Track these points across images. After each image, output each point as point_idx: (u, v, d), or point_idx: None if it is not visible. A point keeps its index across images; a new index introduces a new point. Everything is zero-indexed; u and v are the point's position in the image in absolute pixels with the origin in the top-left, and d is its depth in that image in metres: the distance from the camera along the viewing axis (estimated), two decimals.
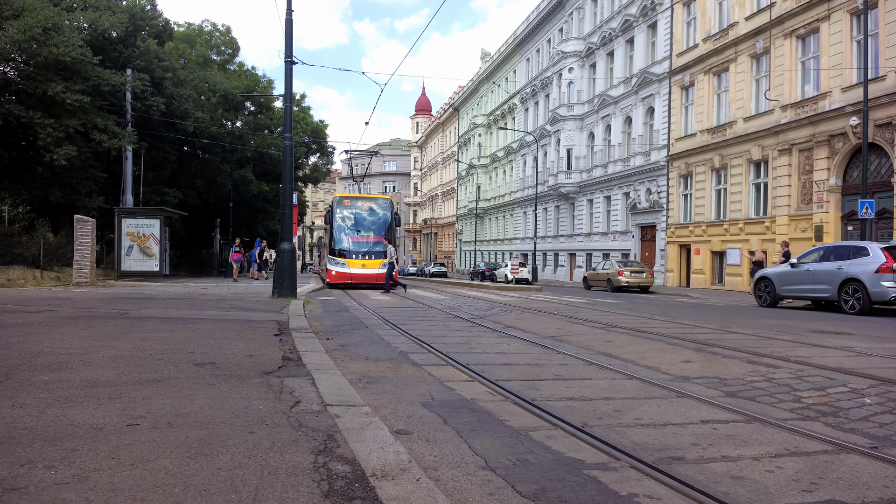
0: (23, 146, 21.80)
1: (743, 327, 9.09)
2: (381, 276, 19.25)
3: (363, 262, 20.01)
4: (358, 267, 19.92)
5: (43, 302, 9.54)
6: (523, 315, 10.62)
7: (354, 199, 21.70)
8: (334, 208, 20.95)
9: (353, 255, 20.09)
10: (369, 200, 21.75)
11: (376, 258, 20.13)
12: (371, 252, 20.23)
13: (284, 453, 2.47)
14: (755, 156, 24.12)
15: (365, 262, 19.99)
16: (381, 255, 20.05)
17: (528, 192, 45.59)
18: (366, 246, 20.34)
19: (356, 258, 20.06)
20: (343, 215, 20.76)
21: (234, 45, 39.38)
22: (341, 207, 20.95)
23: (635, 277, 24.26)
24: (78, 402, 3.21)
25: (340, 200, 21.37)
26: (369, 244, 20.45)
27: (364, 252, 20.10)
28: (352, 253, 20.15)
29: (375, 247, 20.41)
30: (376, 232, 20.77)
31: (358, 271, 19.87)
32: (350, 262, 19.94)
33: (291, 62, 12.93)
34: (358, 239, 20.42)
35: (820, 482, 2.53)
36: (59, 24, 19.24)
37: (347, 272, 19.81)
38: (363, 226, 20.77)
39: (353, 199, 21.68)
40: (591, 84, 38.31)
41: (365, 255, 20.07)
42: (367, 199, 21.89)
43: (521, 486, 2.40)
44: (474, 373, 4.75)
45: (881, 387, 4.56)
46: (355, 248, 20.28)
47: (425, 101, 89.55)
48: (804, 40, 22.32)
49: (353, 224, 20.68)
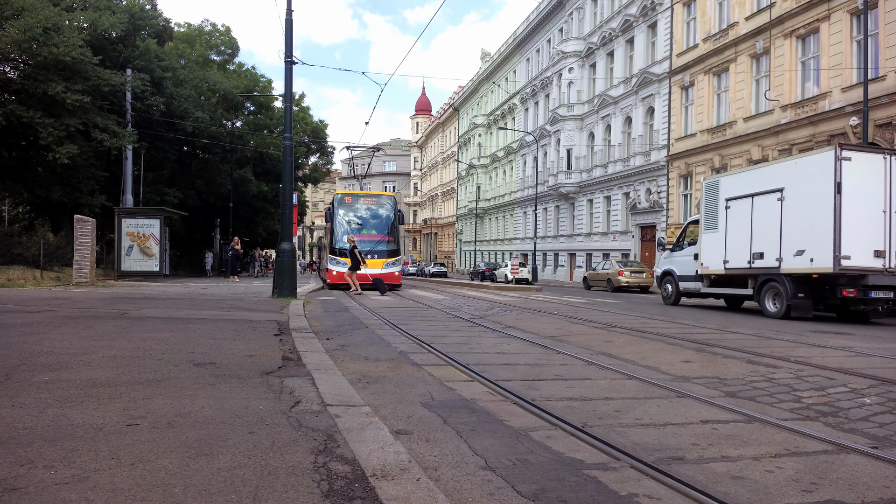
0: (23, 146, 21.81)
1: (743, 327, 9.09)
2: (385, 275, 18.50)
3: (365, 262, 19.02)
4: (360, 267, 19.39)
5: (43, 302, 9.54)
6: (523, 315, 10.62)
7: (356, 196, 20.66)
8: (335, 206, 20.08)
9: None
10: (372, 197, 20.89)
11: (379, 257, 19.33)
12: (374, 251, 19.32)
13: (284, 453, 2.47)
14: (755, 156, 24.11)
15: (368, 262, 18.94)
16: (385, 254, 19.44)
17: (528, 192, 45.59)
18: (369, 244, 19.39)
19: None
20: (345, 212, 19.92)
21: (234, 45, 39.37)
22: (343, 205, 20.08)
23: (635, 277, 24.27)
24: (78, 402, 3.21)
25: (342, 198, 20.38)
26: (372, 242, 19.56)
27: (367, 251, 18.99)
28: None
29: (379, 245, 19.64)
30: (379, 230, 19.96)
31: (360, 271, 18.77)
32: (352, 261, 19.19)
33: (291, 62, 12.93)
34: (361, 237, 19.32)
35: (820, 482, 2.53)
36: (59, 24, 19.25)
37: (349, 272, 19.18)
38: (366, 223, 19.91)
39: (355, 196, 20.64)
40: (591, 84, 38.31)
41: (368, 255, 18.98)
42: (370, 196, 21.02)
43: (521, 486, 2.40)
44: (474, 373, 4.75)
45: (881, 387, 4.57)
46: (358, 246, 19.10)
47: (425, 101, 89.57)
48: (804, 40, 22.32)
49: (355, 221, 19.82)
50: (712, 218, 13.93)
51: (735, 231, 13.14)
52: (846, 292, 10.82)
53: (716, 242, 13.72)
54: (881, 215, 10.78)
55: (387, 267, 19.00)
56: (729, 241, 13.32)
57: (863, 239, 10.70)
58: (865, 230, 10.71)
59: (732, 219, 13.28)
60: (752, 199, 12.68)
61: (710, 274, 14.03)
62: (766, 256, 12.14)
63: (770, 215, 12.05)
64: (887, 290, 10.90)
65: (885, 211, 10.78)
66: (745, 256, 12.72)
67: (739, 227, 12.98)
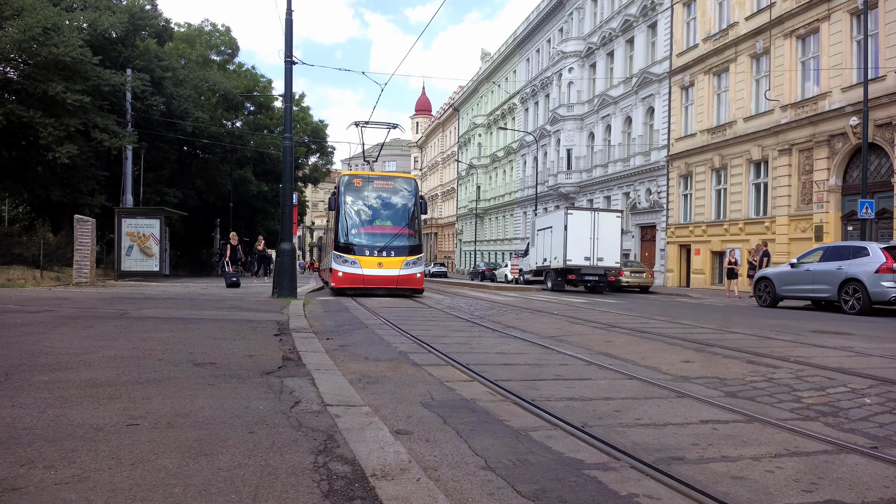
0: (23, 146, 21.81)
1: (743, 327, 9.09)
2: (402, 278, 15.16)
3: (380, 261, 15.14)
4: (373, 266, 15.07)
5: (43, 302, 9.54)
6: (523, 315, 10.62)
7: (368, 179, 16.32)
8: (342, 190, 15.90)
9: (366, 251, 15.18)
10: (388, 179, 16.66)
11: (397, 254, 15.30)
12: (390, 247, 15.31)
13: (284, 453, 2.47)
14: (755, 156, 24.12)
15: (382, 261, 15.13)
16: (404, 251, 15.48)
17: (528, 192, 45.58)
18: (383, 239, 15.45)
19: (371, 254, 15.16)
20: (353, 198, 15.84)
21: (234, 45, 39.39)
22: (351, 189, 15.91)
23: (635, 277, 24.24)
24: (78, 402, 3.21)
25: (350, 180, 16.14)
26: (388, 237, 15.52)
27: (381, 247, 15.21)
28: (364, 248, 15.21)
29: (396, 239, 15.52)
30: (396, 220, 15.87)
31: (373, 272, 15.04)
32: (363, 259, 15.09)
33: (291, 62, 12.94)
34: (373, 230, 15.63)
35: (820, 482, 2.53)
36: (58, 24, 19.27)
37: (358, 273, 15.01)
38: (380, 212, 15.98)
39: (366, 179, 16.32)
40: (591, 84, 38.31)
41: (382, 251, 15.18)
42: (385, 178, 16.74)
43: (521, 486, 2.40)
44: (474, 373, 4.74)
45: (881, 387, 4.56)
46: (369, 241, 15.41)
47: (425, 101, 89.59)
48: (804, 40, 22.32)
49: (366, 210, 15.92)
50: (533, 239, 26.45)
51: (539, 246, 25.19)
52: (571, 276, 22.18)
53: (534, 252, 25.90)
54: (588, 240, 22.34)
55: (406, 267, 15.25)
56: (538, 251, 25.33)
57: (579, 251, 22.17)
58: (581, 247, 22.18)
59: (539, 240, 25.41)
60: (544, 231, 24.77)
61: (532, 269, 26.38)
62: (547, 259, 23.85)
63: (548, 239, 23.98)
64: (592, 275, 22.27)
65: (590, 238, 22.37)
66: (541, 259, 24.69)
67: (542, 243, 24.81)
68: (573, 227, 22.39)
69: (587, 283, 22.48)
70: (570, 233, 22.29)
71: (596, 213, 23.32)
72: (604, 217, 23.26)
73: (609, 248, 22.69)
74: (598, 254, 22.53)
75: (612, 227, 23.15)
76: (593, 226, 22.68)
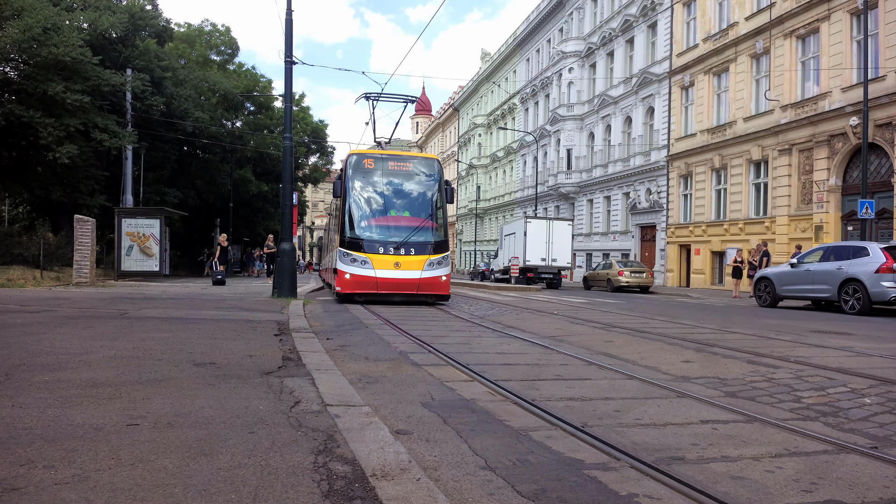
0: (23, 146, 21.82)
1: (743, 327, 9.09)
2: (425, 282, 12.35)
3: (397, 260, 12.32)
4: (388, 267, 12.24)
5: (43, 302, 9.54)
6: (523, 315, 10.62)
7: (382, 159, 13.18)
8: (350, 172, 12.89)
9: (379, 249, 12.36)
10: (406, 160, 13.57)
11: (417, 253, 12.46)
12: (409, 243, 12.48)
13: (284, 453, 2.47)
14: (755, 156, 24.12)
15: (400, 260, 12.32)
16: (427, 248, 12.60)
17: (528, 192, 45.58)
18: (401, 233, 12.56)
19: (385, 252, 12.33)
20: (363, 183, 12.92)
21: (234, 45, 39.40)
22: (360, 171, 12.95)
23: (635, 277, 24.27)
24: (78, 402, 3.21)
25: (359, 160, 13.08)
26: (407, 230, 12.60)
27: (398, 243, 12.38)
28: (378, 245, 12.40)
29: (416, 234, 12.61)
30: (416, 210, 13.01)
31: (388, 274, 12.22)
32: (376, 258, 12.25)
33: (291, 62, 12.93)
34: (388, 222, 12.76)
35: (820, 482, 2.53)
36: (58, 24, 19.27)
37: (370, 276, 12.15)
38: (397, 201, 13.07)
39: (379, 159, 13.17)
40: (591, 84, 38.31)
41: (399, 249, 12.36)
42: (403, 159, 13.62)
43: (521, 486, 2.40)
44: (474, 373, 4.74)
45: (881, 387, 4.56)
46: (383, 235, 12.56)
47: (426, 101, 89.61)
48: (804, 40, 22.32)
49: (379, 197, 12.97)
50: (501, 242, 31.27)
51: (506, 248, 29.48)
52: (530, 274, 26.33)
53: (502, 254, 30.46)
54: (544, 244, 26.49)
55: (429, 268, 12.46)
56: (505, 253, 29.59)
57: (536, 252, 26.38)
58: (538, 249, 26.35)
59: (506, 243, 29.86)
60: (509, 236, 29.17)
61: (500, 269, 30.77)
62: (512, 259, 27.80)
63: (513, 242, 28.22)
64: (548, 273, 26.67)
65: (546, 242, 26.50)
66: (507, 260, 28.72)
67: (508, 246, 29.13)
68: (531, 233, 26.57)
69: (543, 279, 26.77)
70: (529, 238, 26.44)
71: (550, 221, 28.14)
72: (557, 225, 27.70)
73: (561, 251, 27.16)
74: (552, 255, 26.86)
75: (564, 233, 27.48)
76: (549, 232, 26.95)
